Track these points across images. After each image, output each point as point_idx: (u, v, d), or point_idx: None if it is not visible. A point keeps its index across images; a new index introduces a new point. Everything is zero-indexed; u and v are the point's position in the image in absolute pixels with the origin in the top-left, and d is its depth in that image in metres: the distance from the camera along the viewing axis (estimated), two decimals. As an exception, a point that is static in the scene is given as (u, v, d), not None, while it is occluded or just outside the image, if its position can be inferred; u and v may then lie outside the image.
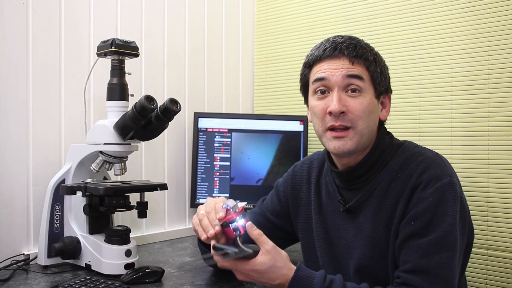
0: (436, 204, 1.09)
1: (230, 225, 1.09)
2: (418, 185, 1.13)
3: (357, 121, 1.16)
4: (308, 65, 1.24)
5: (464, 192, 1.19)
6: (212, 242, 1.10)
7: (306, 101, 1.29)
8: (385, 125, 1.27)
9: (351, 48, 1.18)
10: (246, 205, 1.14)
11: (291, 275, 1.07)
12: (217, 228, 1.10)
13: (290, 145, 2.05)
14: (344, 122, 1.16)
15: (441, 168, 1.13)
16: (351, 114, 1.16)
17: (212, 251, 1.09)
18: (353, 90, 1.16)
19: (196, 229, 1.16)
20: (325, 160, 1.32)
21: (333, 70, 1.17)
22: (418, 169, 1.14)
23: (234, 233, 1.09)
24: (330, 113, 1.16)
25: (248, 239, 1.10)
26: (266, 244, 1.07)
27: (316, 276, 1.08)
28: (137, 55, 1.54)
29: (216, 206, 1.14)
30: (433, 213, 1.09)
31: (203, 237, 1.12)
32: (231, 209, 1.10)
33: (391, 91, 1.26)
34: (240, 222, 1.09)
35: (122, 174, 1.53)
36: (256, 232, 1.08)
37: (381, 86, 1.21)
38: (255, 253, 1.06)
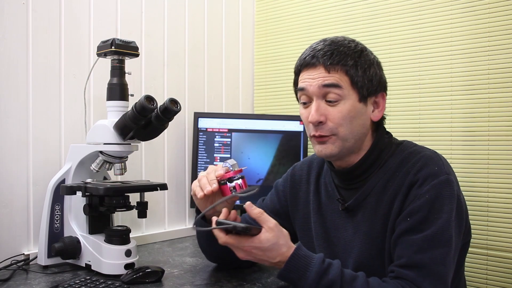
0: (433, 201, 1.10)
1: (227, 183, 1.11)
2: (415, 182, 1.13)
3: (337, 129, 1.17)
4: (296, 72, 1.26)
5: (464, 192, 1.20)
6: (214, 219, 1.10)
7: None
8: (384, 125, 1.27)
9: (327, 56, 1.17)
10: (245, 168, 1.18)
11: (290, 253, 1.08)
12: (214, 185, 1.12)
13: (290, 145, 2.05)
14: (323, 132, 1.18)
15: (439, 166, 1.14)
16: (331, 123, 1.17)
17: (214, 226, 1.09)
18: (331, 98, 1.17)
19: (194, 190, 1.18)
20: (325, 161, 1.33)
21: (310, 80, 1.19)
22: (416, 166, 1.15)
23: (230, 191, 1.11)
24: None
25: (250, 221, 1.11)
26: (269, 221, 1.08)
27: (315, 257, 1.09)
28: (137, 55, 1.54)
29: (216, 167, 1.17)
30: (429, 210, 1.10)
31: (200, 194, 1.14)
32: (231, 168, 1.13)
33: (384, 90, 1.25)
34: (238, 181, 1.12)
35: (122, 174, 1.53)
36: (256, 211, 1.09)
37: (365, 89, 1.19)
38: (259, 229, 1.07)
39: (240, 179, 1.12)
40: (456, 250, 1.13)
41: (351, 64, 1.17)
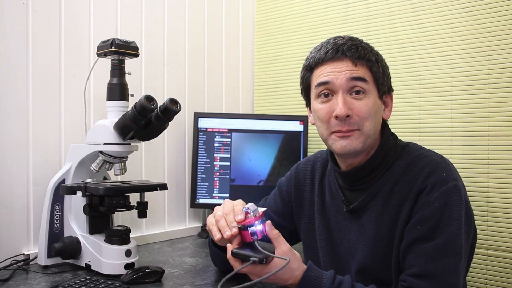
0: (442, 208, 1.09)
1: (248, 229, 1.07)
2: (423, 189, 1.12)
3: (363, 123, 1.15)
4: (309, 68, 1.23)
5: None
6: (229, 247, 1.09)
7: (308, 104, 1.27)
8: (389, 126, 1.27)
9: (353, 50, 1.16)
10: (265, 211, 1.12)
11: (301, 275, 1.08)
12: (235, 230, 1.08)
13: (290, 146, 2.05)
14: (350, 126, 1.15)
15: (446, 172, 1.13)
16: (357, 117, 1.15)
17: (228, 255, 1.08)
18: (357, 92, 1.16)
19: (210, 229, 1.14)
20: (328, 160, 1.32)
21: (336, 73, 1.16)
22: (423, 172, 1.14)
23: (251, 237, 1.07)
24: (336, 116, 1.15)
25: (265, 239, 1.09)
26: (283, 245, 1.08)
27: (325, 276, 1.08)
28: (137, 55, 1.54)
29: (235, 208, 1.12)
30: (439, 218, 1.09)
31: (217, 237, 1.10)
32: (251, 213, 1.08)
33: (392, 90, 1.26)
34: (258, 227, 1.07)
35: (122, 174, 1.52)
36: (274, 232, 1.08)
37: (384, 86, 1.20)
38: (273, 256, 1.06)
39: (261, 225, 1.08)
40: (465, 256, 1.12)
41: (374, 60, 1.18)
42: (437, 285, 1.06)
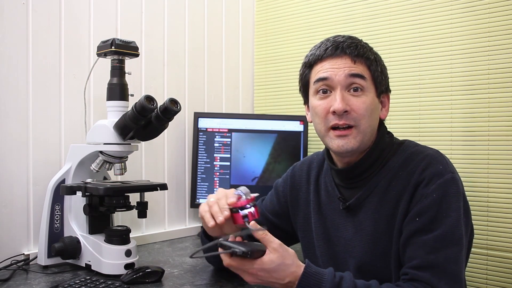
0: (440, 200, 1.10)
1: (240, 211, 1.06)
2: (420, 182, 1.13)
3: (360, 120, 1.16)
4: (309, 65, 1.24)
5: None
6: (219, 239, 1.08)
7: (306, 102, 1.29)
8: (385, 125, 1.27)
9: (352, 47, 1.18)
10: (257, 195, 1.12)
11: (300, 272, 1.05)
12: (226, 213, 1.07)
13: (287, 144, 2.05)
14: (348, 120, 1.16)
15: (443, 165, 1.14)
16: (354, 113, 1.16)
17: (219, 249, 1.06)
18: (356, 89, 1.17)
19: (203, 216, 1.13)
20: (325, 160, 1.32)
21: (335, 69, 1.17)
22: (420, 166, 1.15)
23: (243, 220, 1.06)
24: (334, 112, 1.16)
25: (252, 237, 1.07)
26: (273, 242, 1.05)
27: (326, 272, 1.07)
28: (137, 55, 1.54)
29: (227, 193, 1.12)
30: (437, 209, 1.09)
31: (211, 223, 1.09)
32: (243, 196, 1.08)
33: (390, 91, 1.27)
34: (250, 210, 1.07)
35: (122, 174, 1.53)
36: (261, 232, 1.05)
37: (382, 85, 1.21)
38: (263, 251, 1.03)
39: (253, 208, 1.07)
40: (465, 247, 1.13)
41: (372, 59, 1.20)
42: (439, 275, 1.06)
